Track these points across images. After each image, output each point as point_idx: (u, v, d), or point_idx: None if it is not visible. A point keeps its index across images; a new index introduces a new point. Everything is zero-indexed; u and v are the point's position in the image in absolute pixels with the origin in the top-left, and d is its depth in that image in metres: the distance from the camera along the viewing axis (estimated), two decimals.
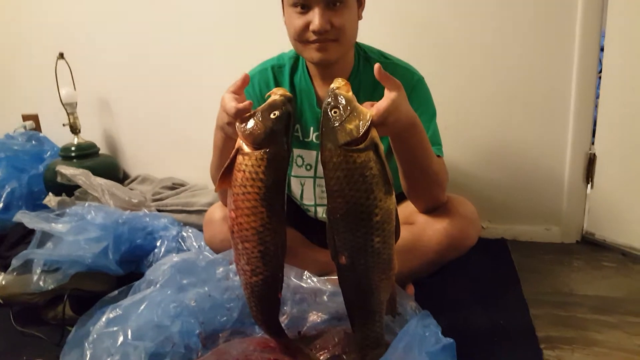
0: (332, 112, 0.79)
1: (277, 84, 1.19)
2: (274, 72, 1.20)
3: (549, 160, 1.59)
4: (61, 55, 1.93)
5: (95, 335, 0.95)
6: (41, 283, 1.26)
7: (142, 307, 1.00)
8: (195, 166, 1.91)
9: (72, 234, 1.29)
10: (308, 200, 1.27)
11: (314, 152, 1.21)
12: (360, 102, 0.81)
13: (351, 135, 0.76)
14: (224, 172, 0.82)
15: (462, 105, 1.61)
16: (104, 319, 0.98)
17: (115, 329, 0.95)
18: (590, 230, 1.60)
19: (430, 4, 1.57)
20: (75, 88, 1.97)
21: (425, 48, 1.59)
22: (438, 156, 1.08)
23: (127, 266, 1.40)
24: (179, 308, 1.02)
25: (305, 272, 1.09)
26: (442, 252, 1.10)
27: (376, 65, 0.83)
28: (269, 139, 0.79)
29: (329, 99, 0.80)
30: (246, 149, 0.80)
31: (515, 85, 1.56)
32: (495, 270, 1.44)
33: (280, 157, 0.81)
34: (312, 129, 1.20)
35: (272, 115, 0.80)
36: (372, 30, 1.19)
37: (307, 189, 1.26)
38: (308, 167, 1.23)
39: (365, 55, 1.19)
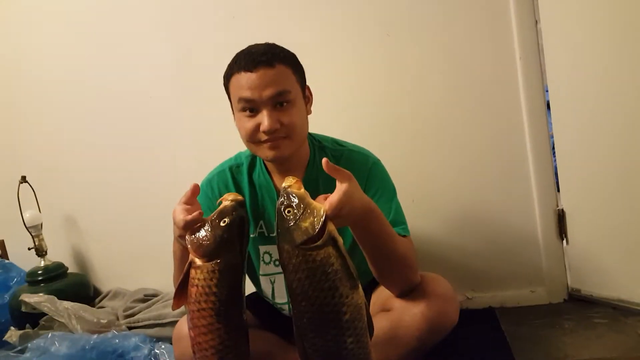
0: (286, 211, 0.78)
1: (236, 184, 1.20)
2: (232, 172, 1.21)
3: (520, 221, 1.58)
4: (23, 179, 1.92)
5: None
6: None
7: None
8: (165, 274, 1.84)
9: None
10: (280, 299, 1.22)
11: None
12: (321, 191, 0.82)
13: (307, 233, 0.75)
14: (178, 288, 0.80)
15: (428, 178, 1.63)
16: None
17: None
18: (576, 286, 1.57)
19: (383, 83, 1.63)
20: (39, 209, 1.94)
21: (382, 124, 1.63)
22: (404, 236, 1.07)
23: None
24: None
25: None
26: (423, 337, 1.04)
27: (323, 160, 0.84)
28: (219, 249, 0.77)
29: (282, 199, 0.80)
30: (198, 261, 0.78)
31: (475, 153, 1.59)
32: (486, 342, 1.38)
33: (234, 266, 0.78)
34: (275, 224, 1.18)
35: (222, 223, 0.78)
36: (327, 118, 1.22)
37: (279, 286, 1.22)
38: (277, 263, 1.20)
39: (320, 145, 1.20)
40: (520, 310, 1.57)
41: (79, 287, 1.90)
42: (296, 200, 0.78)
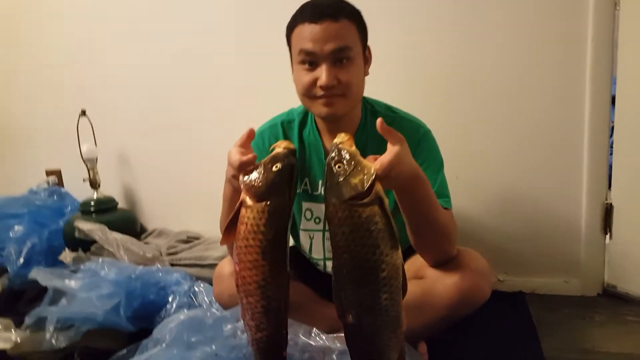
0: (336, 166, 0.80)
1: (286, 139, 1.21)
2: (284, 127, 1.23)
3: (565, 210, 1.57)
4: (83, 113, 2.02)
5: None
6: (53, 341, 1.27)
7: None
8: (209, 219, 1.92)
9: (84, 290, 1.31)
10: (317, 254, 1.27)
11: (323, 206, 1.21)
12: (367, 155, 0.82)
13: (356, 189, 0.77)
14: (228, 225, 0.84)
15: (474, 156, 1.62)
16: None
17: None
18: (612, 282, 1.55)
19: (440, 55, 1.61)
20: (96, 144, 2.04)
21: (436, 98, 1.62)
22: (446, 208, 1.08)
23: (139, 322, 1.39)
24: None
25: (314, 329, 1.06)
26: (453, 307, 1.07)
27: (378, 120, 0.85)
28: (270, 191, 0.81)
29: (333, 154, 0.82)
30: (249, 201, 0.81)
31: (529, 136, 1.57)
32: (513, 326, 1.39)
33: (282, 209, 0.82)
34: (320, 182, 1.21)
35: (274, 168, 0.82)
36: (381, 85, 1.22)
37: (316, 242, 1.26)
38: (317, 221, 1.24)
39: (372, 110, 1.21)
40: (551, 299, 1.57)
41: (126, 222, 2.00)
42: (347, 156, 0.80)
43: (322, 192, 1.19)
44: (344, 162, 0.80)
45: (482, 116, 1.60)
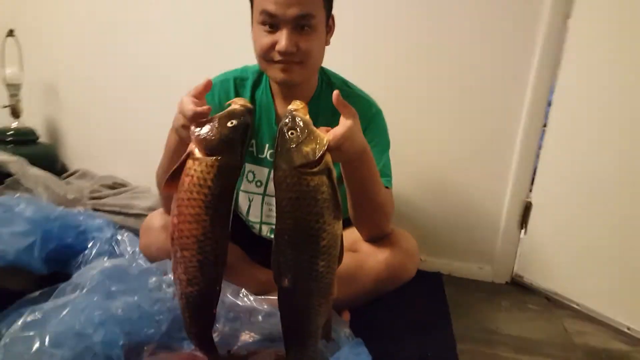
0: (289, 133, 0.80)
1: (238, 96, 1.18)
2: (236, 83, 1.20)
3: (489, 203, 1.66)
4: (10, 32, 1.83)
5: (8, 339, 0.88)
6: None
7: (64, 313, 0.94)
8: (138, 167, 1.85)
9: None
10: (254, 217, 1.26)
11: (266, 170, 1.21)
12: (318, 126, 0.82)
13: (307, 157, 0.77)
14: (172, 175, 0.81)
15: (416, 135, 1.66)
16: (20, 322, 0.91)
17: (32, 333, 0.89)
18: (520, 273, 1.68)
19: (394, 38, 1.62)
20: (22, 69, 1.86)
21: (384, 81, 1.63)
22: (387, 187, 1.11)
23: (53, 265, 1.31)
24: (103, 316, 0.96)
25: (242, 290, 1.07)
26: (381, 282, 1.13)
27: (335, 92, 0.85)
28: (223, 147, 0.79)
29: (287, 120, 0.81)
30: (198, 154, 0.79)
31: (468, 123, 1.62)
32: (429, 303, 1.48)
33: (232, 167, 0.80)
34: (267, 146, 1.20)
35: (229, 124, 0.80)
36: (337, 57, 1.21)
37: (255, 205, 1.25)
38: (258, 184, 1.23)
39: (329, 81, 1.20)
40: (465, 282, 1.68)
41: (47, 158, 1.88)
42: (301, 124, 0.80)
43: (268, 156, 1.20)
44: (297, 129, 0.79)
45: (430, 95, 1.63)
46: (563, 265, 1.57)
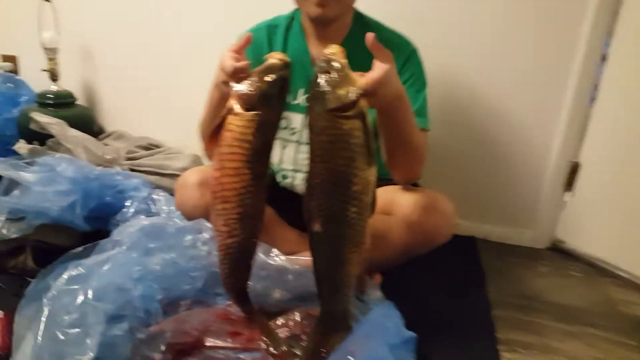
0: (324, 76, 0.78)
1: (270, 44, 1.18)
2: (269, 31, 1.19)
3: (532, 162, 1.59)
4: None
5: (54, 292, 0.91)
6: (4, 231, 1.23)
7: (105, 268, 0.97)
8: (173, 129, 1.88)
9: (40, 184, 1.25)
10: (287, 165, 1.26)
11: (300, 116, 1.20)
12: (352, 67, 0.80)
13: (340, 100, 0.76)
14: (214, 130, 0.82)
15: (457, 86, 1.58)
16: (65, 276, 0.94)
17: (76, 287, 0.92)
18: (561, 237, 1.62)
19: None
20: (59, 33, 1.88)
21: (430, 21, 1.56)
22: (423, 129, 1.09)
23: (94, 223, 1.36)
24: (142, 272, 1.00)
25: (274, 249, 1.08)
26: (413, 245, 1.11)
27: (370, 35, 0.83)
28: (261, 102, 0.80)
29: (323, 63, 0.80)
30: (238, 109, 0.80)
31: (519, 78, 1.53)
32: (463, 268, 1.45)
33: (271, 121, 0.82)
34: (301, 91, 1.19)
35: (267, 78, 0.80)
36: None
37: (288, 153, 1.24)
38: (292, 131, 1.22)
39: (363, 21, 1.18)
40: (501, 247, 1.64)
41: (85, 120, 1.90)
42: (337, 66, 0.78)
43: (301, 102, 1.18)
44: (333, 72, 0.78)
45: (476, 54, 1.55)
46: (610, 230, 1.50)
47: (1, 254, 1.21)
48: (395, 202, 1.14)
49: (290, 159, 1.24)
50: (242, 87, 0.80)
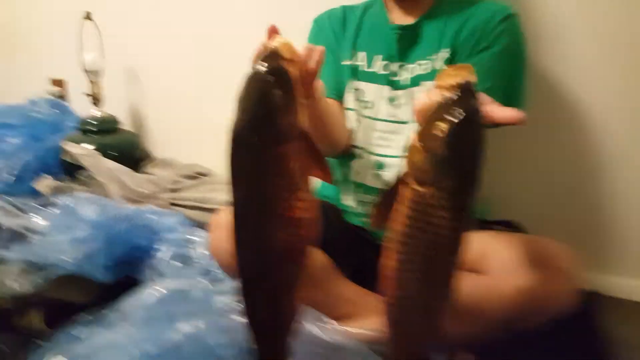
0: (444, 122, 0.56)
1: (345, 20, 1.11)
2: (345, 9, 1.13)
3: None
4: (87, 16, 1.72)
5: None
6: (16, 285, 1.07)
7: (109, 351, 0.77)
8: (222, 154, 1.68)
9: (54, 231, 1.08)
10: (361, 143, 1.05)
11: (373, 86, 1.04)
12: (447, 34, 0.93)
13: (423, 172, 0.57)
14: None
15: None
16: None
17: None
18: None
19: None
20: (103, 54, 1.77)
21: None
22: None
23: (122, 269, 1.18)
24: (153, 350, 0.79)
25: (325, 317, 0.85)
26: (516, 318, 0.83)
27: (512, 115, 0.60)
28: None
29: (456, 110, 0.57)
30: None
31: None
32: (582, 338, 1.10)
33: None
34: (379, 57, 1.04)
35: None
36: None
37: (363, 130, 1.05)
38: (364, 104, 1.05)
39: None
40: (634, 306, 1.25)
41: (128, 146, 1.78)
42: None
43: (377, 70, 1.04)
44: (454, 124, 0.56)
45: None
46: None
47: (9, 311, 1.06)
48: (488, 255, 0.87)
49: (367, 138, 1.05)
50: None
